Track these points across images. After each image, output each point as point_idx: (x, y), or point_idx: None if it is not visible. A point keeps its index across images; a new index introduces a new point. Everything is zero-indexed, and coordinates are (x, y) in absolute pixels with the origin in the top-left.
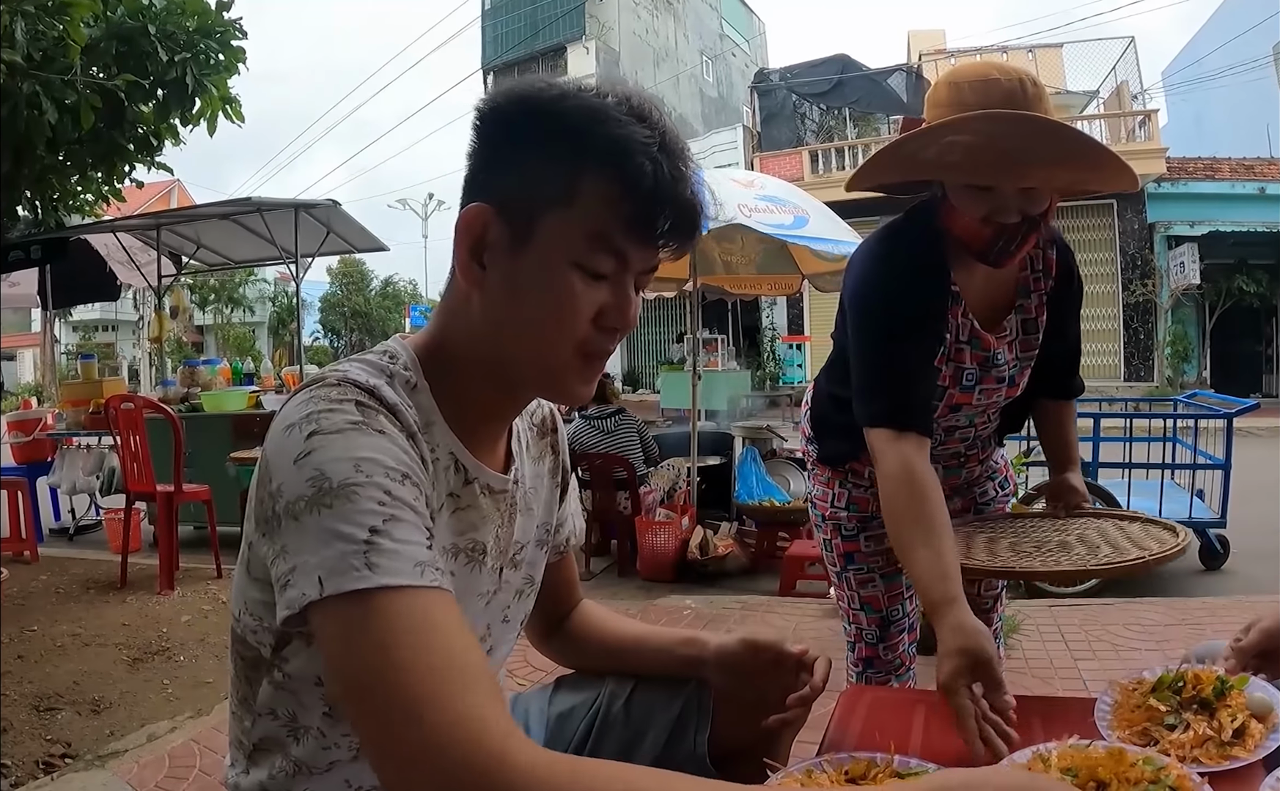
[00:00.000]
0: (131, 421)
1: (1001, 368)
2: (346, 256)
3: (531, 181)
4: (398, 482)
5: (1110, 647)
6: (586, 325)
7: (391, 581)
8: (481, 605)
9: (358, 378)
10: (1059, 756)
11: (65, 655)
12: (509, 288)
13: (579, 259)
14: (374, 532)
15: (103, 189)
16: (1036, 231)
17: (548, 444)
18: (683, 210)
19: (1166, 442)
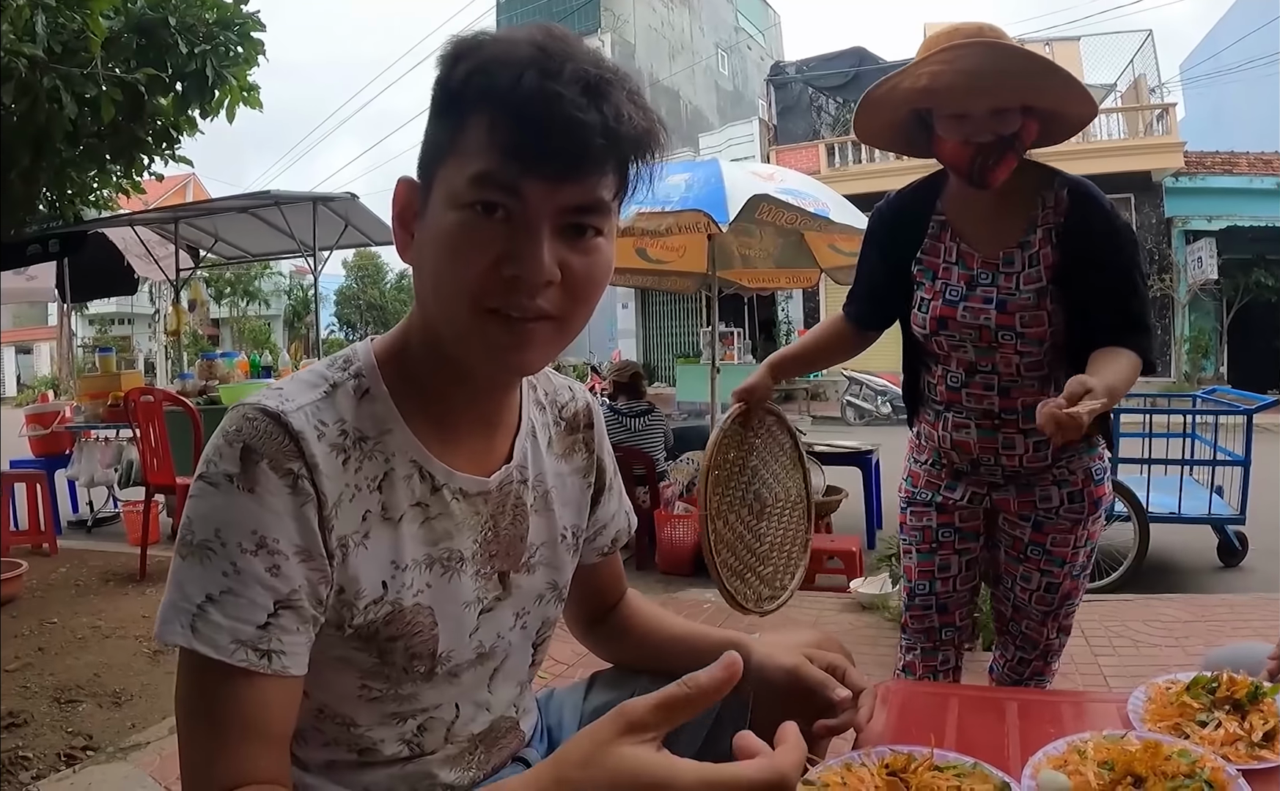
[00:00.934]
0: (151, 414)
1: (989, 289)
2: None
3: (431, 139)
4: (249, 554)
5: (1130, 643)
6: (480, 273)
7: (203, 649)
8: (471, 615)
9: (269, 403)
10: (1094, 747)
11: (85, 647)
12: (419, 253)
13: (464, 197)
14: (208, 600)
15: (121, 182)
16: (1012, 151)
17: (578, 440)
18: (573, 128)
19: (1185, 439)
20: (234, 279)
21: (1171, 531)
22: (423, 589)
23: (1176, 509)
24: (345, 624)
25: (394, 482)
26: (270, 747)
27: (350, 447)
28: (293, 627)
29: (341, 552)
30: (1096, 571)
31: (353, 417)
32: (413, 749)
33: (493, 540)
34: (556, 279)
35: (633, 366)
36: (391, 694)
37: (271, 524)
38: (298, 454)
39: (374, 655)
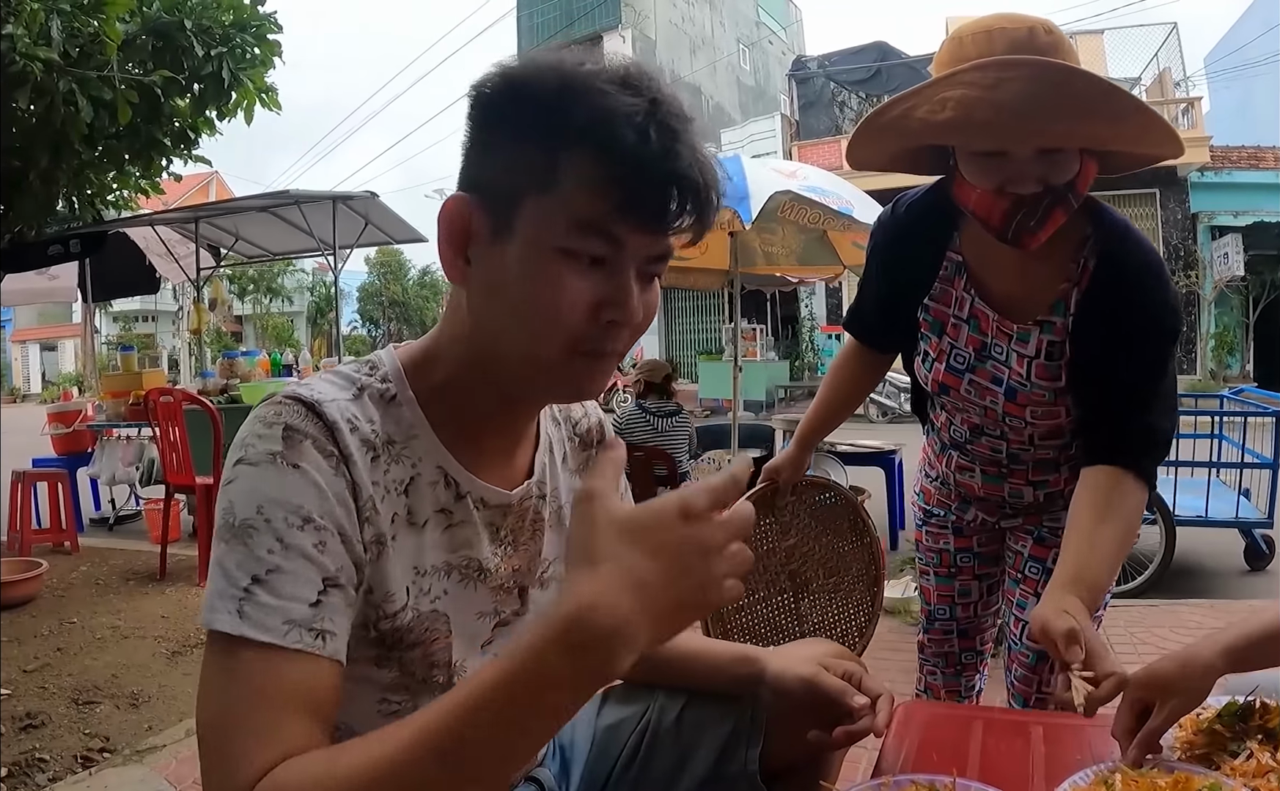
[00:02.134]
0: (170, 413)
1: (1001, 368)
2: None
3: (510, 166)
4: (296, 528)
5: (1156, 650)
6: (580, 319)
7: (252, 634)
8: (486, 626)
9: (304, 394)
10: (1122, 781)
11: (104, 647)
12: (492, 283)
13: (564, 244)
14: (255, 581)
15: (140, 183)
16: (1062, 205)
17: (592, 456)
18: (683, 185)
19: (1213, 440)
20: (257, 276)
21: (1198, 534)
22: (440, 596)
23: (1204, 512)
24: (371, 625)
25: (419, 488)
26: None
27: (380, 448)
28: (341, 608)
29: (377, 549)
30: (1122, 575)
31: (380, 420)
32: None
33: (514, 555)
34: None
35: (665, 367)
36: (411, 706)
37: (316, 499)
38: (334, 441)
39: (394, 668)
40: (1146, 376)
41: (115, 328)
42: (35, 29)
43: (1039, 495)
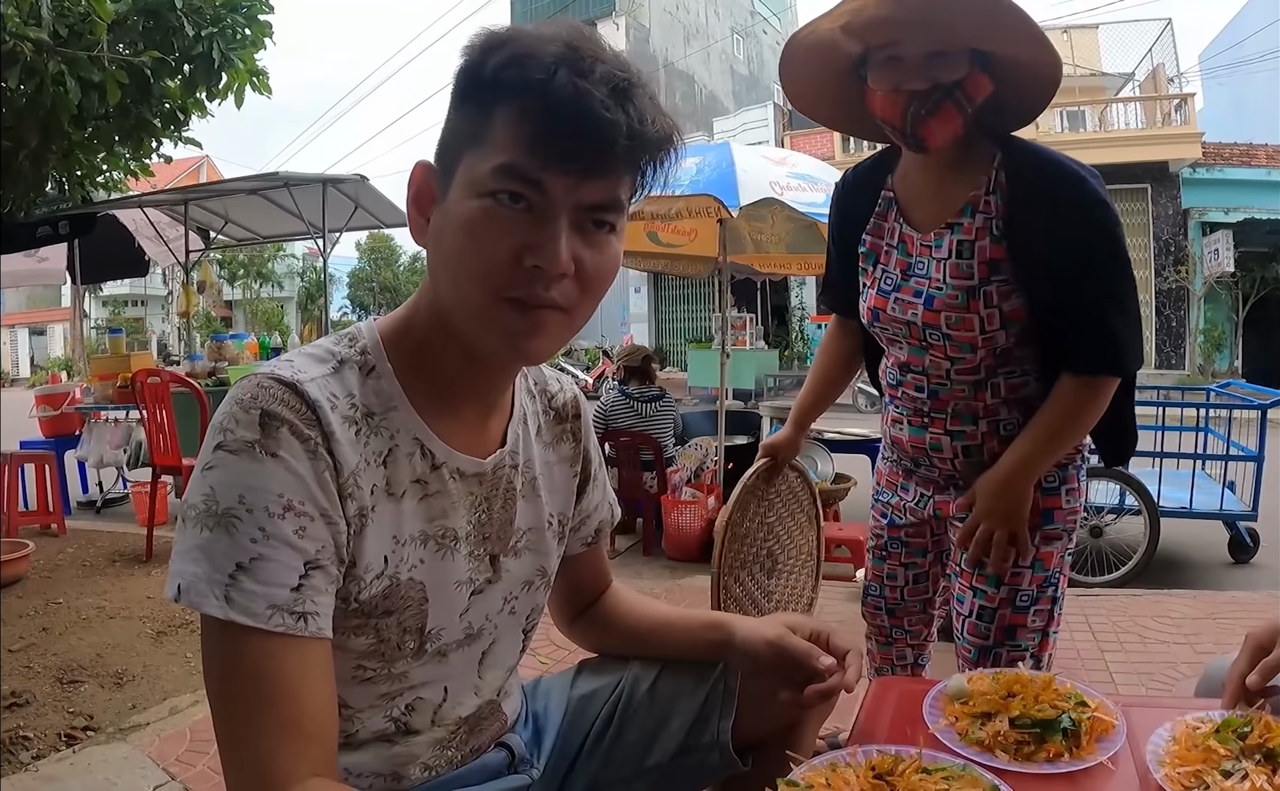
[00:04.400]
0: (158, 395)
1: (922, 281)
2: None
3: (454, 127)
4: (277, 517)
5: (1138, 640)
6: (502, 263)
7: (240, 619)
8: (463, 594)
9: (284, 373)
10: None
11: (89, 628)
12: (438, 239)
13: (489, 187)
14: (239, 569)
15: (130, 165)
16: (952, 102)
17: (566, 430)
18: (600, 128)
19: (1199, 433)
20: (247, 261)
21: (1182, 526)
22: (417, 564)
23: (1188, 504)
24: (352, 598)
25: (398, 459)
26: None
27: (360, 421)
28: (323, 588)
29: (359, 523)
30: (1106, 565)
31: (360, 393)
32: (399, 728)
33: (486, 522)
34: (571, 271)
35: (644, 351)
36: (385, 673)
37: (296, 487)
38: (315, 422)
39: (371, 635)
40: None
41: (104, 312)
42: (25, 8)
43: (957, 448)
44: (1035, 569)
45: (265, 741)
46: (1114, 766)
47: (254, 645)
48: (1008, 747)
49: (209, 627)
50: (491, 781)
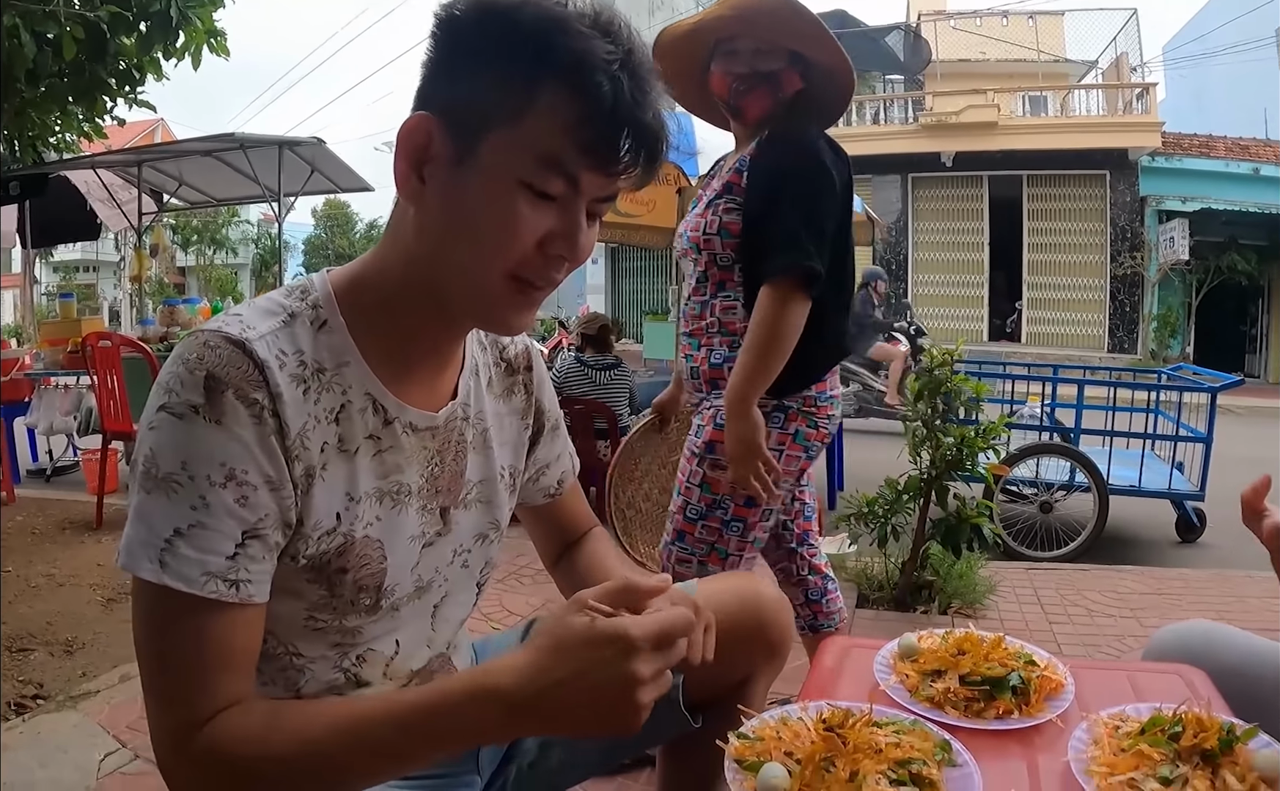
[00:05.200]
0: (109, 360)
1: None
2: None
3: (481, 93)
4: (218, 486)
5: (1086, 613)
6: (528, 249)
7: (173, 583)
8: (415, 548)
9: (232, 330)
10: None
11: (39, 596)
12: (447, 205)
13: (526, 178)
14: (176, 534)
15: (83, 126)
16: (765, 86)
17: (518, 382)
18: (644, 135)
19: (1149, 414)
20: (201, 227)
21: (1131, 505)
22: (373, 521)
23: (1137, 482)
24: (300, 554)
25: (350, 415)
26: (241, 676)
27: (310, 378)
28: (259, 556)
29: (306, 482)
30: (1055, 541)
31: (311, 349)
32: (349, 679)
33: (439, 475)
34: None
35: (601, 319)
36: (336, 625)
37: (240, 455)
38: (262, 383)
39: (323, 587)
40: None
41: (55, 278)
42: None
43: (689, 368)
44: (704, 489)
45: (194, 686)
46: (1063, 724)
47: (185, 607)
48: (957, 704)
49: (141, 587)
50: None
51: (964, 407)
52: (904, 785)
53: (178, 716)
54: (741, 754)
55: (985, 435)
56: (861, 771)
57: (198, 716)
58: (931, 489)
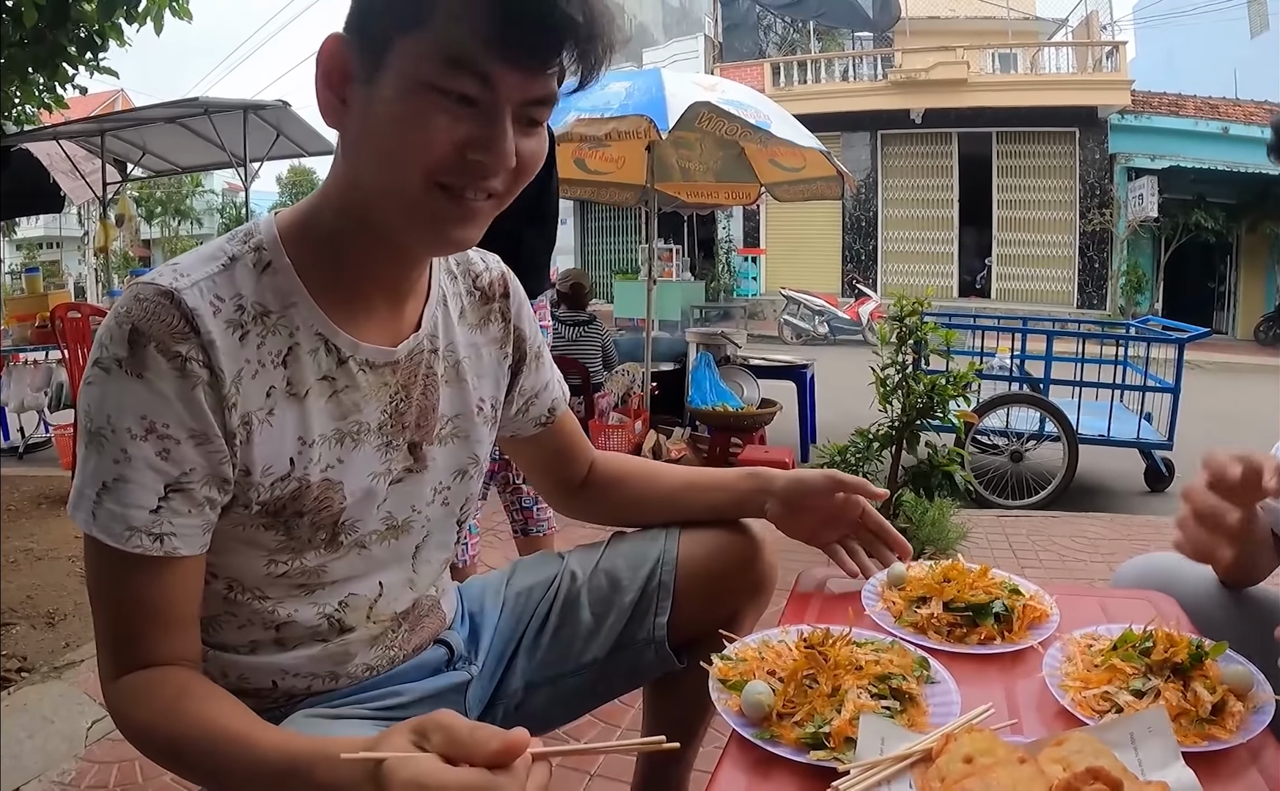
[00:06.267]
0: (78, 331)
1: None
2: (297, 167)
3: (384, 2)
4: (139, 439)
5: (1057, 557)
6: (444, 153)
7: (101, 537)
8: (380, 485)
9: (163, 281)
10: None
11: (17, 570)
12: (363, 120)
13: (435, 80)
14: (103, 488)
15: (44, 97)
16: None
17: (495, 309)
18: (566, 23)
19: (1117, 366)
20: (165, 198)
21: (1100, 456)
22: (332, 464)
23: (1106, 431)
24: (252, 502)
25: (299, 357)
26: (172, 630)
27: (250, 323)
28: (184, 510)
29: (245, 431)
30: (1026, 489)
31: (253, 292)
32: (333, 625)
33: (406, 411)
34: (514, 165)
35: (575, 274)
36: (298, 567)
37: (160, 408)
38: (190, 332)
39: (280, 532)
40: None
41: (19, 256)
42: None
43: None
44: None
45: (121, 635)
46: (1043, 649)
47: (115, 561)
48: (940, 629)
49: (85, 537)
50: (431, 677)
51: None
52: (884, 698)
53: (107, 659)
54: (725, 674)
55: (956, 382)
56: (843, 686)
57: (121, 665)
58: (903, 436)
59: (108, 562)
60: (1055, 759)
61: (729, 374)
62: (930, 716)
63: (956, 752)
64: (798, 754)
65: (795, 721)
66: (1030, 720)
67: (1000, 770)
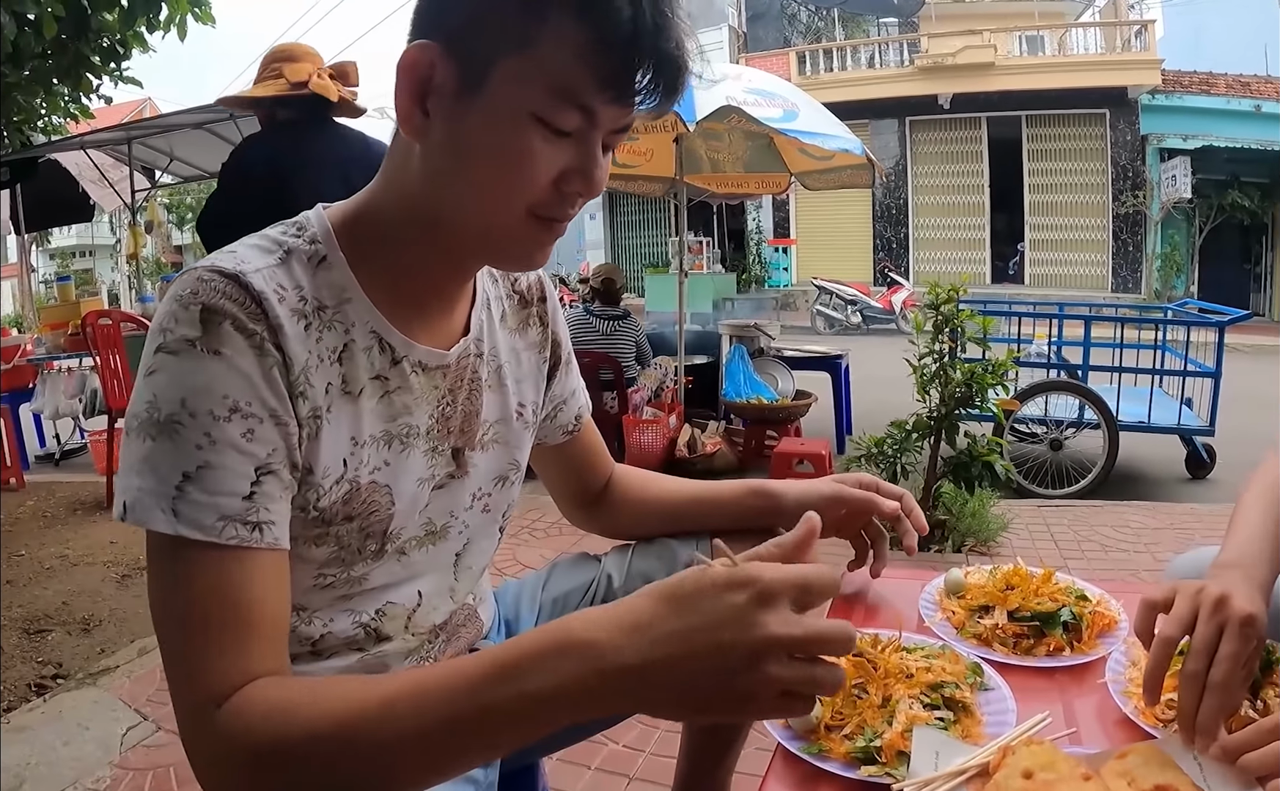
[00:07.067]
0: (110, 338)
1: None
2: None
3: (488, 17)
4: (223, 421)
5: (1099, 548)
6: (544, 187)
7: (189, 533)
8: (424, 491)
9: (226, 264)
10: None
11: (53, 576)
12: (454, 140)
13: (539, 112)
14: (185, 479)
15: (69, 107)
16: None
17: (533, 314)
18: (664, 64)
19: (1156, 350)
20: (195, 204)
21: (1140, 443)
22: (380, 466)
23: (1146, 418)
24: (311, 506)
25: (354, 354)
26: (267, 642)
27: (310, 315)
28: (276, 494)
29: (314, 425)
30: (1066, 478)
31: (310, 285)
32: (369, 633)
33: (451, 416)
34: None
35: (608, 269)
36: (344, 577)
37: (242, 386)
38: (261, 315)
39: (331, 544)
40: None
41: (52, 265)
42: None
43: None
44: None
45: (215, 651)
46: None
47: (206, 560)
48: (1006, 641)
49: (156, 544)
50: None
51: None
52: (937, 708)
53: (199, 686)
54: None
55: (994, 370)
56: (894, 696)
57: (221, 685)
58: (941, 427)
59: (191, 564)
60: (1119, 773)
61: (763, 366)
62: (985, 726)
63: (1015, 767)
64: (848, 769)
65: (845, 734)
66: (1090, 729)
67: (1063, 787)
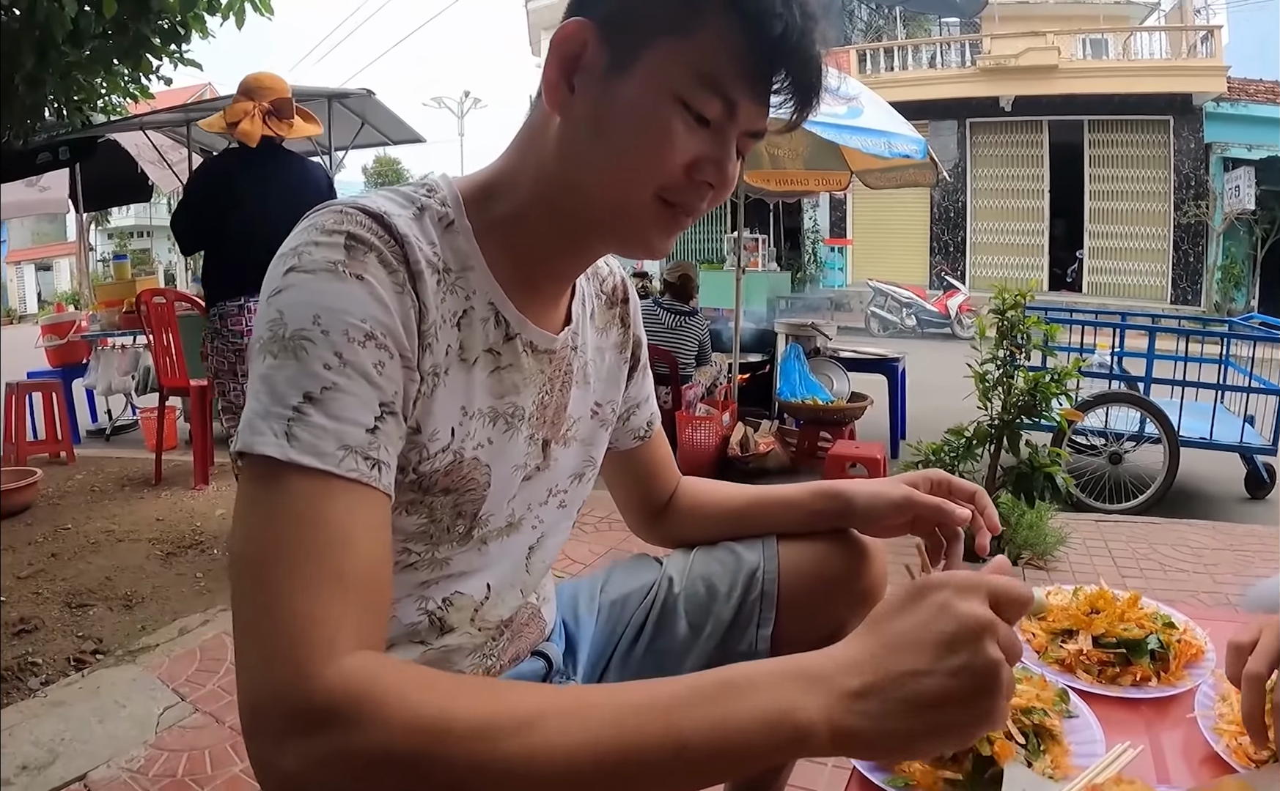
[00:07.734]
0: (163, 316)
1: None
2: (382, 157)
3: (645, 1)
4: (357, 344)
5: (1158, 567)
6: (676, 170)
7: (303, 459)
8: (517, 479)
9: (369, 204)
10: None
11: (98, 551)
12: (596, 114)
13: (683, 94)
14: (307, 399)
15: (129, 87)
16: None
17: (616, 315)
18: (805, 73)
19: (1220, 365)
20: None
21: (1198, 458)
22: (484, 443)
23: (1209, 435)
24: (410, 467)
25: (472, 323)
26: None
27: (441, 273)
28: (395, 438)
29: (432, 381)
30: (1124, 493)
31: (439, 244)
32: (434, 622)
33: (548, 405)
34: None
35: (684, 266)
36: (429, 557)
37: (381, 314)
38: (404, 258)
39: (423, 514)
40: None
41: (110, 244)
42: None
43: None
44: None
45: (309, 600)
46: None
47: (316, 489)
48: (1090, 668)
49: (258, 474)
50: None
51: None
52: (1025, 736)
53: (300, 640)
54: None
55: (1059, 379)
56: None
57: (332, 643)
58: (1003, 435)
59: (299, 498)
60: None
61: (819, 366)
62: (1072, 757)
63: None
64: None
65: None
66: (1176, 764)
67: None
